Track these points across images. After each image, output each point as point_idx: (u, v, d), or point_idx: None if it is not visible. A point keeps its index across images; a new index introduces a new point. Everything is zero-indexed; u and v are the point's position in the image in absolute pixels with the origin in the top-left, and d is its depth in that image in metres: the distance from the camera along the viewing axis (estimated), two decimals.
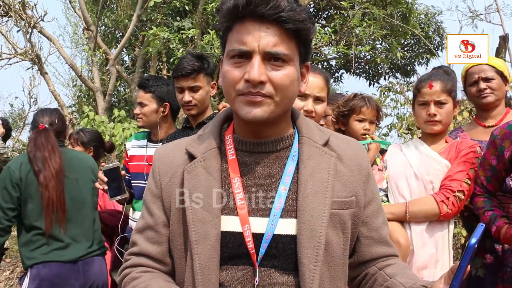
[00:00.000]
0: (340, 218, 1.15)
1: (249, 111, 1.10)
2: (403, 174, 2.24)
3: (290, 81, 1.11)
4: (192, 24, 8.63)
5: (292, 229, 1.12)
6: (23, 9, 7.41)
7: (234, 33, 1.11)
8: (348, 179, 1.19)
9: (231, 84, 1.11)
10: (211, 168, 1.17)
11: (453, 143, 2.28)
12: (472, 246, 0.96)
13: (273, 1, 1.06)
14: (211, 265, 1.10)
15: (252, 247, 1.11)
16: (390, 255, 1.27)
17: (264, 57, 1.09)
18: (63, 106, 8.48)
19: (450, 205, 2.10)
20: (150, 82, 2.90)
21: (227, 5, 1.10)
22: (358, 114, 2.44)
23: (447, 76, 2.36)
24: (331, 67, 12.95)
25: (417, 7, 11.14)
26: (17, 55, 7.52)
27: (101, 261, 2.82)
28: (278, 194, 1.14)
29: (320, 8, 10.70)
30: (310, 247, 1.09)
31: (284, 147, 1.20)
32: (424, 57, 11.66)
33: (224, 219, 1.14)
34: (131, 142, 3.04)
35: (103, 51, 8.18)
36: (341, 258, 1.16)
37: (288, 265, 1.12)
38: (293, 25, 1.08)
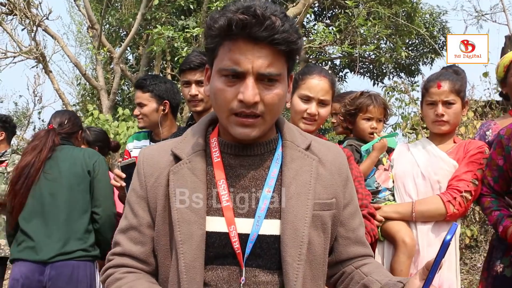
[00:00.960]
0: (321, 219, 1.20)
1: (241, 132, 1.14)
2: (410, 173, 2.23)
3: (280, 99, 1.15)
4: (196, 23, 8.64)
5: (276, 230, 1.16)
6: (28, 8, 7.42)
7: (226, 50, 1.11)
8: (329, 182, 1.23)
9: (224, 103, 1.13)
10: (197, 170, 1.19)
11: (461, 143, 2.27)
12: (447, 243, 1.00)
13: (267, 21, 1.06)
14: (196, 265, 1.12)
15: (238, 247, 1.14)
16: (366, 255, 1.31)
17: (257, 78, 1.10)
18: (67, 105, 8.50)
19: (456, 205, 2.09)
20: (147, 82, 2.84)
21: (219, 23, 1.09)
22: (365, 113, 2.41)
23: (456, 76, 2.34)
24: (335, 67, 12.93)
25: (422, 6, 11.11)
26: (21, 54, 7.54)
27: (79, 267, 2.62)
28: (262, 196, 1.17)
29: (325, 7, 10.69)
30: (293, 247, 1.13)
31: (268, 151, 1.23)
32: (429, 56, 11.62)
33: (210, 220, 1.16)
34: (132, 143, 2.98)
35: (107, 49, 8.19)
36: (321, 257, 1.21)
37: (272, 265, 1.16)
38: (286, 46, 1.10)
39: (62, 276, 2.56)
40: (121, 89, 10.98)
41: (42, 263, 2.56)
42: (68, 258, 2.60)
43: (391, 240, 2.18)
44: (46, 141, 2.74)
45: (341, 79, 13.13)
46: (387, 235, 2.19)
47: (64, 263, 2.58)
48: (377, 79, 12.30)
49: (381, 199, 2.27)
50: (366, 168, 2.27)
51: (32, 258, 2.57)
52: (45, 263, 2.57)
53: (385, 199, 2.28)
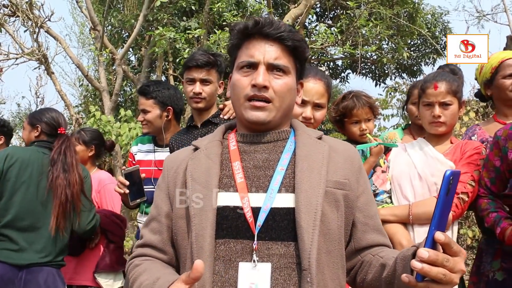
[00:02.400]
0: (334, 196, 1.25)
1: (254, 114, 1.30)
2: (407, 175, 2.22)
3: (288, 89, 1.33)
4: (198, 24, 8.64)
5: (289, 203, 1.22)
6: (30, 9, 7.45)
7: (244, 49, 1.35)
8: (341, 165, 1.31)
9: (241, 89, 1.32)
10: (212, 154, 1.32)
11: (458, 143, 2.26)
12: (448, 177, 0.97)
13: (276, 24, 1.32)
14: (205, 234, 1.19)
15: (251, 215, 1.20)
16: (384, 245, 1.34)
17: (268, 68, 1.31)
18: (70, 106, 8.52)
19: (453, 207, 2.08)
20: (150, 88, 2.86)
21: (239, 26, 1.35)
22: (351, 117, 2.39)
23: (453, 76, 2.33)
24: (337, 67, 12.92)
25: (424, 7, 11.09)
26: (24, 55, 7.56)
27: (50, 273, 2.68)
28: (276, 173, 1.26)
29: (327, 8, 10.69)
30: (308, 213, 1.18)
31: (281, 139, 1.36)
32: (431, 57, 11.60)
33: (223, 195, 1.25)
34: (137, 147, 3.02)
35: (109, 51, 8.21)
36: (336, 233, 1.24)
37: (286, 236, 1.19)
38: (292, 43, 1.33)
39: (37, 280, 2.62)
40: (123, 90, 11.01)
41: (18, 267, 2.60)
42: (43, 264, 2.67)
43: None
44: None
45: (343, 79, 13.12)
46: None
47: (40, 268, 2.65)
48: (379, 80, 12.29)
49: (378, 202, 2.25)
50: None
51: (10, 261, 2.59)
52: (21, 267, 2.61)
53: (382, 201, 2.27)
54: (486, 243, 2.27)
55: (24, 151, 2.79)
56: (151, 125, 2.86)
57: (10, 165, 2.67)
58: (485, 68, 2.55)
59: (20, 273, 2.60)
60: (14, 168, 2.67)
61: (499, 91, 2.50)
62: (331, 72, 13.02)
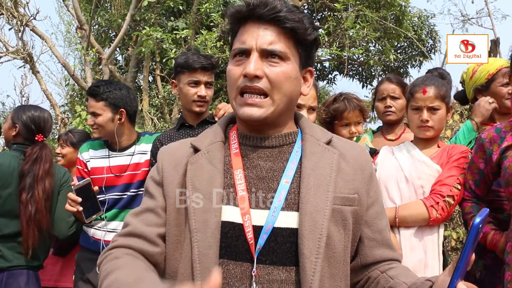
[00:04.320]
0: (342, 214, 1.15)
1: (245, 111, 1.16)
2: (394, 178, 2.23)
3: (286, 77, 1.16)
4: (186, 24, 8.62)
5: (293, 222, 1.12)
6: (15, 7, 7.36)
7: (238, 35, 1.20)
8: (351, 177, 1.19)
9: (233, 81, 1.18)
10: (215, 160, 1.19)
11: (445, 147, 2.29)
12: (477, 225, 0.91)
13: (271, 4, 1.15)
14: (210, 253, 1.09)
15: (251, 237, 1.11)
16: (393, 259, 1.25)
17: (262, 54, 1.15)
18: (55, 106, 8.43)
19: (439, 210, 2.10)
20: (100, 89, 2.63)
21: (231, 10, 1.21)
22: (341, 120, 2.39)
23: (442, 81, 2.36)
24: (324, 69, 12.97)
25: (410, 10, 11.19)
26: (8, 54, 7.47)
27: (30, 276, 2.63)
28: (280, 187, 1.15)
29: (314, 9, 10.72)
30: (311, 239, 1.09)
31: (287, 143, 1.23)
32: (417, 59, 11.71)
33: (225, 209, 1.14)
34: (88, 153, 2.75)
35: (96, 50, 8.14)
36: (341, 256, 1.15)
37: (287, 260, 1.11)
38: (290, 24, 1.15)
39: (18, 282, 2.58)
40: None
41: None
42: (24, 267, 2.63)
43: None
44: None
45: (330, 81, 13.17)
46: None
47: (20, 271, 2.60)
48: (366, 82, 12.36)
49: None
50: None
51: None
52: (2, 270, 2.57)
53: None
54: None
55: (4, 157, 2.69)
56: (103, 129, 2.64)
57: None
58: (479, 73, 2.58)
59: (1, 276, 2.56)
60: None
61: (495, 97, 2.57)
62: (319, 73, 13.07)
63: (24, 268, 2.63)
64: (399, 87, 2.68)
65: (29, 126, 2.73)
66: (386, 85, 2.70)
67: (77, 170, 2.81)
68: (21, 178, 2.63)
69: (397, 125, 2.75)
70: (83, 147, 2.83)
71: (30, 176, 2.63)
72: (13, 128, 2.77)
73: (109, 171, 2.67)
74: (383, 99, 2.69)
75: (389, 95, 2.67)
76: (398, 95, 2.67)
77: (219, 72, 10.54)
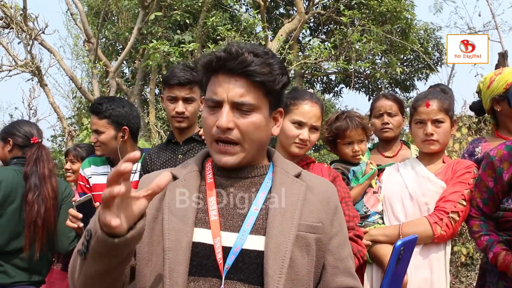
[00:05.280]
0: (306, 240, 1.23)
1: (221, 159, 1.26)
2: (399, 195, 2.20)
3: (256, 127, 1.25)
4: (192, 38, 8.68)
5: (260, 245, 1.20)
6: (25, 21, 7.44)
7: (210, 84, 1.27)
8: (316, 207, 1.28)
9: (208, 129, 1.27)
10: (190, 186, 1.28)
11: (450, 163, 2.25)
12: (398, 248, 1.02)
13: (241, 57, 1.21)
14: (180, 269, 1.17)
15: (221, 257, 1.18)
16: (354, 287, 1.32)
17: (233, 106, 1.23)
18: (62, 118, 8.48)
19: (444, 226, 2.06)
20: (103, 106, 2.60)
21: (203, 60, 1.27)
22: (343, 138, 2.35)
23: (444, 95, 2.34)
24: (330, 82, 12.99)
25: (417, 23, 11.21)
26: (17, 67, 7.54)
27: None
28: (249, 213, 1.24)
29: (320, 22, 10.77)
30: (275, 260, 1.17)
31: (258, 175, 1.32)
32: (424, 72, 11.71)
33: (197, 231, 1.22)
34: (89, 168, 2.74)
35: (103, 63, 8.21)
36: (305, 279, 1.22)
37: (253, 279, 1.18)
38: (259, 77, 1.22)
39: None
40: None
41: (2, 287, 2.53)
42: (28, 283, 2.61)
43: (379, 263, 2.13)
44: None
45: (336, 94, 13.19)
46: (375, 258, 2.15)
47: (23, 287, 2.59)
48: (372, 94, 12.35)
49: (370, 223, 2.23)
50: (356, 194, 2.24)
51: None
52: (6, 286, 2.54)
53: (374, 222, 2.24)
54: (489, 263, 2.19)
55: (6, 173, 2.63)
56: (105, 147, 2.62)
57: None
58: (496, 83, 2.47)
59: None
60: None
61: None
62: (325, 86, 13.08)
63: (26, 284, 2.61)
64: (396, 104, 2.67)
65: (22, 134, 2.72)
66: (383, 101, 2.69)
67: (79, 186, 2.78)
68: (26, 180, 2.59)
69: (394, 142, 2.73)
70: (84, 163, 2.82)
71: (35, 176, 2.60)
72: (7, 144, 2.74)
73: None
74: (380, 115, 2.67)
75: (386, 111, 2.65)
76: (395, 112, 2.65)
77: None
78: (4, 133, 2.78)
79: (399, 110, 2.67)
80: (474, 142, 2.60)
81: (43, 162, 2.65)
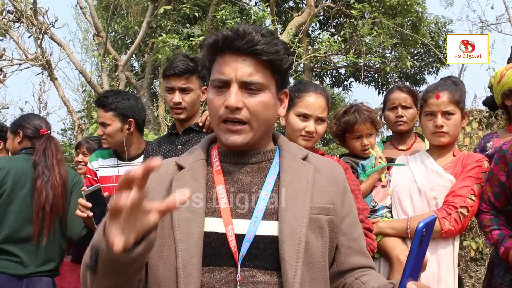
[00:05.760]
0: (319, 222, 1.23)
1: (229, 138, 1.24)
2: (407, 189, 2.18)
3: (264, 107, 1.24)
4: (201, 31, 8.67)
5: (273, 231, 1.19)
6: (35, 15, 7.47)
7: (216, 65, 1.25)
8: (326, 189, 1.28)
9: (215, 110, 1.25)
10: (198, 176, 1.27)
11: (460, 156, 2.22)
12: (420, 230, 0.99)
13: (248, 36, 1.20)
14: (193, 261, 1.16)
15: (234, 245, 1.17)
16: (367, 267, 1.33)
17: (241, 86, 1.22)
18: (72, 112, 8.52)
19: (452, 221, 2.04)
20: (109, 99, 2.64)
21: (208, 40, 1.25)
22: (352, 133, 2.33)
23: (455, 87, 2.31)
24: (340, 75, 12.92)
25: (428, 16, 11.09)
26: (27, 61, 7.58)
27: (48, 283, 2.65)
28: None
29: (330, 16, 10.70)
30: (291, 245, 1.17)
31: (266, 159, 1.31)
32: (434, 66, 11.60)
33: (208, 221, 1.21)
34: (97, 161, 2.77)
35: (112, 57, 8.23)
36: (320, 261, 1.22)
37: (269, 265, 1.18)
38: (267, 56, 1.21)
39: None
40: None
41: (18, 277, 2.57)
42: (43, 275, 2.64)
43: (386, 257, 2.12)
44: None
45: (346, 88, 13.12)
46: (382, 251, 2.14)
47: (39, 279, 2.62)
48: (382, 88, 12.27)
49: (378, 217, 2.22)
50: (366, 188, 2.23)
51: (10, 272, 2.55)
52: (20, 277, 2.57)
53: (382, 216, 2.22)
54: (498, 256, 2.19)
55: (16, 161, 2.72)
56: (112, 140, 2.65)
57: (3, 178, 2.60)
58: (507, 77, 2.45)
59: (20, 283, 2.57)
60: (8, 180, 2.61)
61: None
62: (334, 80, 13.02)
63: (43, 275, 2.64)
64: (410, 96, 2.61)
65: (32, 127, 2.80)
66: (397, 94, 2.64)
67: (87, 179, 2.81)
68: (35, 168, 2.65)
69: (408, 135, 2.68)
70: (92, 156, 2.86)
71: (43, 163, 2.66)
72: (16, 136, 2.82)
73: (118, 180, 2.65)
74: (394, 108, 2.63)
75: (400, 104, 2.60)
76: (409, 105, 2.60)
77: None
78: (14, 126, 2.87)
79: (413, 102, 2.61)
80: (486, 137, 2.58)
81: (52, 152, 2.71)
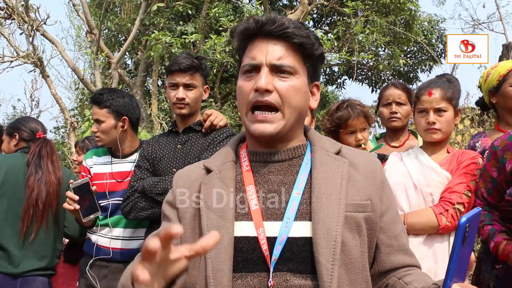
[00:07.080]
0: (355, 220, 1.16)
1: (258, 128, 1.19)
2: (403, 185, 2.19)
3: (296, 91, 1.20)
4: (195, 29, 8.65)
5: (307, 232, 1.14)
6: (26, 12, 7.42)
7: (247, 52, 1.24)
8: (362, 184, 1.21)
9: (244, 96, 1.21)
10: (226, 179, 1.23)
11: (455, 153, 2.23)
12: (463, 226, 0.91)
13: (279, 20, 1.19)
14: (224, 268, 1.12)
15: (266, 249, 1.13)
16: (411, 265, 1.25)
17: (272, 69, 1.19)
18: (65, 110, 8.48)
19: (449, 217, 2.05)
20: (104, 96, 2.67)
21: (240, 27, 1.25)
22: (345, 128, 2.34)
23: (448, 84, 2.32)
24: (333, 73, 12.94)
25: (420, 14, 11.14)
26: (19, 58, 7.53)
27: (44, 283, 2.66)
28: (291, 198, 1.17)
29: (323, 14, 10.71)
30: (326, 247, 1.10)
31: (296, 156, 1.25)
32: (427, 64, 11.65)
33: (238, 225, 1.17)
34: (91, 159, 2.79)
35: (105, 54, 8.19)
36: (359, 262, 1.15)
37: (304, 268, 1.12)
38: (298, 39, 1.19)
39: None
40: None
41: (12, 276, 2.56)
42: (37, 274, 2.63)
43: None
44: None
45: (339, 86, 13.14)
46: None
47: (34, 278, 2.62)
48: (375, 86, 12.30)
49: None
50: None
51: (4, 270, 2.56)
52: (15, 276, 2.57)
53: None
54: (485, 252, 2.24)
55: (9, 157, 2.75)
56: (106, 137, 2.68)
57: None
58: (491, 76, 2.51)
59: (15, 283, 2.56)
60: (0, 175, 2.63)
61: (506, 99, 2.49)
62: (328, 78, 13.04)
63: (38, 275, 2.64)
64: (404, 93, 2.64)
65: (28, 130, 2.85)
66: (392, 90, 2.66)
67: (81, 177, 2.82)
68: (28, 166, 2.68)
69: (402, 131, 2.71)
70: (87, 154, 2.88)
71: (36, 162, 2.70)
72: (12, 139, 2.86)
73: (111, 177, 2.68)
74: (388, 104, 2.65)
75: (394, 100, 2.63)
76: (404, 101, 2.62)
77: (228, 77, 10.56)
78: (10, 128, 2.91)
79: (408, 99, 2.63)
80: (475, 137, 2.61)
81: (47, 152, 2.75)
